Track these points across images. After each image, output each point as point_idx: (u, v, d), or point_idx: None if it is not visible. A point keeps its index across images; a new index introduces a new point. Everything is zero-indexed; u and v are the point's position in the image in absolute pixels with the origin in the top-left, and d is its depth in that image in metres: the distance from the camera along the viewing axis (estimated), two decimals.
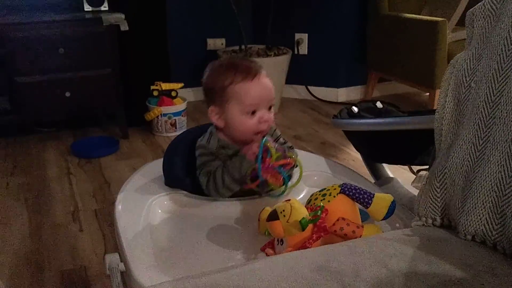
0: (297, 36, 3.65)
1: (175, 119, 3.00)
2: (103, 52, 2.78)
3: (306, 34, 3.64)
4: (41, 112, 2.79)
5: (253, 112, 1.16)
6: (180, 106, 3.03)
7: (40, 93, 2.72)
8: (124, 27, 2.77)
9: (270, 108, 1.18)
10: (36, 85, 2.69)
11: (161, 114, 2.96)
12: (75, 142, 2.91)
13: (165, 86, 3.00)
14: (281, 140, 1.25)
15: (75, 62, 2.74)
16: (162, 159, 1.32)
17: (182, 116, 3.05)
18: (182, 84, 3.08)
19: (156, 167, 1.35)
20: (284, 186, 1.14)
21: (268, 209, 1.00)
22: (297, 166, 1.19)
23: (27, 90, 2.69)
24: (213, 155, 1.20)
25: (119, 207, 1.20)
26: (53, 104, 2.78)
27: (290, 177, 1.18)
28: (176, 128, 3.01)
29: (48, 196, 2.29)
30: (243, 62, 1.19)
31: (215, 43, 3.67)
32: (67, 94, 2.75)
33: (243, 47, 3.40)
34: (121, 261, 1.04)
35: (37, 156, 2.75)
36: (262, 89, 1.16)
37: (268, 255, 0.98)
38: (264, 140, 1.11)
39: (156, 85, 3.00)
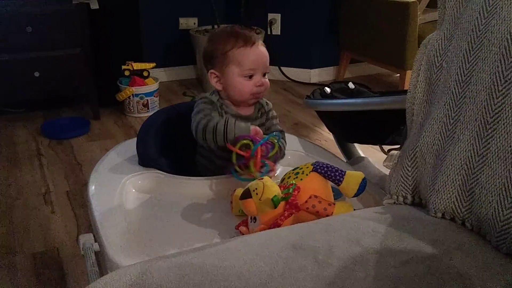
0: (270, 16, 3.64)
1: (147, 100, 2.97)
2: (73, 31, 2.72)
3: (279, 14, 3.62)
4: (9, 92, 2.72)
5: (250, 77, 1.25)
6: (152, 86, 3.00)
7: (8, 73, 2.66)
8: (94, 5, 2.72)
9: (265, 75, 1.28)
10: (3, 64, 2.63)
11: (133, 95, 2.93)
12: (46, 122, 2.86)
13: (137, 66, 2.96)
14: (278, 127, 1.33)
15: (43, 41, 2.68)
16: (135, 139, 1.31)
17: (154, 96, 3.02)
18: (154, 64, 3.05)
19: (129, 146, 1.34)
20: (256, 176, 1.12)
21: (240, 190, 1.01)
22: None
23: None
24: (213, 105, 1.26)
25: (92, 186, 1.19)
26: (22, 84, 2.71)
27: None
28: (148, 108, 2.98)
29: (18, 178, 2.25)
30: (243, 31, 1.29)
31: (188, 22, 3.63)
32: (36, 74, 2.69)
33: (215, 27, 3.37)
34: (95, 242, 1.04)
35: (6, 137, 2.70)
36: (260, 56, 1.26)
37: (242, 233, 0.99)
38: (276, 135, 1.16)
39: (128, 65, 2.96)
